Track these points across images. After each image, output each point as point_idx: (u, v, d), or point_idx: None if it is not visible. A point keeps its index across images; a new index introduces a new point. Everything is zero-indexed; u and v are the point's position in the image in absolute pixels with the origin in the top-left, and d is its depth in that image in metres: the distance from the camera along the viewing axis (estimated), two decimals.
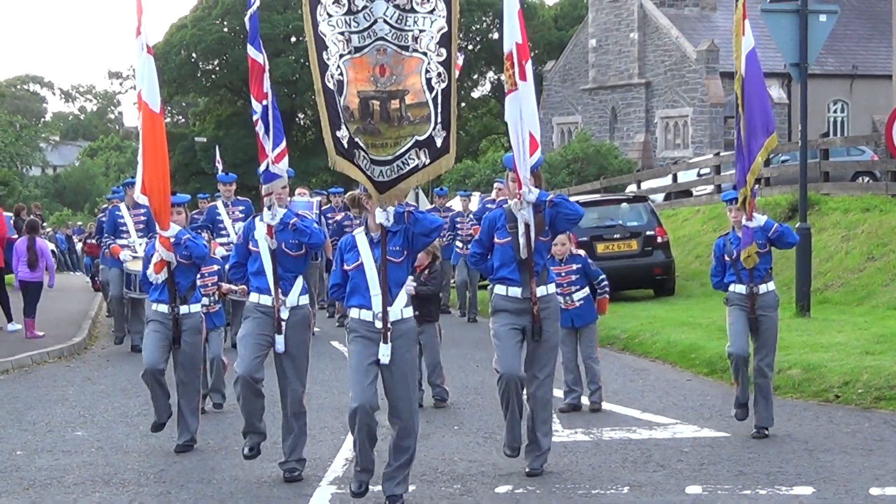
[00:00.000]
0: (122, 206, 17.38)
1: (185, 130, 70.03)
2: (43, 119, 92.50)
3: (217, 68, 66.71)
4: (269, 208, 9.32)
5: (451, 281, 22.23)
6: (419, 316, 12.36)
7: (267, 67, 9.29)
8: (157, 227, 10.48)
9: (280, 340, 9.30)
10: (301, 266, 9.60)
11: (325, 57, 7.93)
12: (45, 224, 36.71)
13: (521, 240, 9.03)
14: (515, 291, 9.14)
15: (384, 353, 8.12)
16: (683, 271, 23.05)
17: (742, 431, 10.37)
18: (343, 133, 8.02)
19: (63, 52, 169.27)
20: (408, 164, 8.09)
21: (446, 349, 13.63)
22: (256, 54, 9.19)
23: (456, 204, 25.12)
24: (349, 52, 7.93)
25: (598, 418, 11.79)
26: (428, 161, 8.11)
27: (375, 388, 8.21)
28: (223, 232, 17.15)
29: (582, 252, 12.63)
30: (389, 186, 8.10)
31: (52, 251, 21.57)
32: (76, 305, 23.25)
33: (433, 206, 22.93)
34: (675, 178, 34.72)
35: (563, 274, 12.19)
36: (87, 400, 12.18)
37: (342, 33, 7.90)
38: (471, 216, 20.58)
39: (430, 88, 8.03)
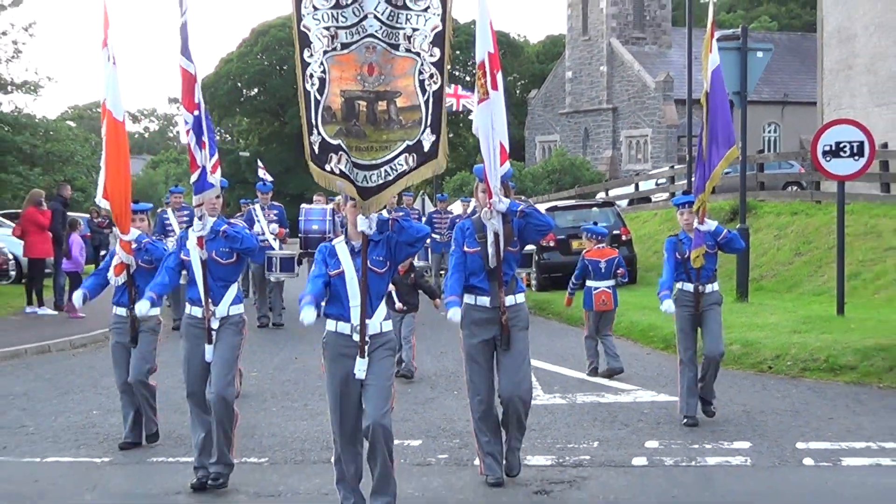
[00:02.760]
0: (169, 210, 17.33)
1: (231, 147, 69.99)
2: None
3: (258, 95, 66.68)
4: (200, 218, 8.03)
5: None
6: (406, 308, 12.45)
7: (198, 78, 8.00)
8: (117, 231, 9.33)
9: (209, 350, 7.95)
10: (233, 274, 8.22)
11: (306, 55, 6.60)
12: (111, 224, 36.46)
13: (490, 249, 7.76)
14: (484, 301, 7.84)
15: (360, 367, 6.69)
16: (644, 264, 23.07)
17: None
18: (315, 138, 6.70)
19: (130, 80, 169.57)
20: (396, 170, 6.73)
21: (447, 328, 13.62)
22: (188, 64, 7.87)
23: (457, 208, 25.15)
24: (334, 49, 6.55)
25: (572, 385, 11.85)
26: (414, 165, 6.74)
27: (359, 411, 6.85)
28: (259, 232, 17.00)
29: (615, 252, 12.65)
30: (375, 193, 6.73)
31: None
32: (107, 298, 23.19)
33: (436, 209, 22.88)
34: (636, 187, 34.96)
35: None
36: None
37: (328, 28, 6.54)
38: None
39: (423, 91, 6.71)
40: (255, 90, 66.73)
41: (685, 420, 9.67)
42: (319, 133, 6.67)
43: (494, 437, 7.94)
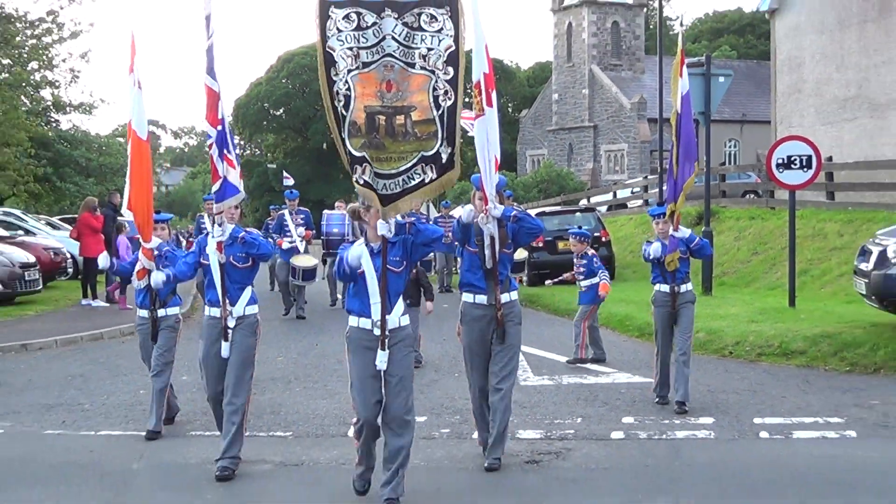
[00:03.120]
0: (206, 214, 17.28)
1: (260, 160, 69.94)
2: (158, 151, 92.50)
3: (283, 114, 66.63)
4: (220, 225, 7.67)
5: (456, 268, 22.16)
6: (410, 301, 11.79)
7: (221, 96, 7.59)
8: (141, 240, 8.89)
9: (225, 347, 7.63)
10: (248, 277, 7.89)
11: (332, 73, 6.31)
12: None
13: (487, 251, 7.54)
14: (482, 298, 7.63)
15: (381, 359, 6.49)
16: (621, 262, 23.04)
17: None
18: (348, 149, 6.46)
19: (172, 101, 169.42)
20: (413, 179, 6.47)
21: (449, 319, 13.59)
22: (213, 83, 7.48)
23: (457, 213, 25.03)
24: (357, 68, 6.29)
25: (558, 368, 11.82)
26: (435, 176, 6.51)
27: (379, 402, 6.63)
28: (288, 234, 16.97)
29: (591, 251, 12.30)
30: (393, 199, 6.48)
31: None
32: (182, 284, 23.17)
33: (440, 214, 22.84)
34: (614, 195, 34.97)
35: (577, 265, 12.12)
36: (192, 353, 12.14)
37: (351, 48, 6.28)
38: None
39: (437, 106, 6.46)
40: (281, 110, 66.64)
41: (657, 400, 9.65)
42: (347, 147, 6.46)
43: (486, 422, 7.78)
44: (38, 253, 21.23)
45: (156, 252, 8.90)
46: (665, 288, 9.57)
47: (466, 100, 7.99)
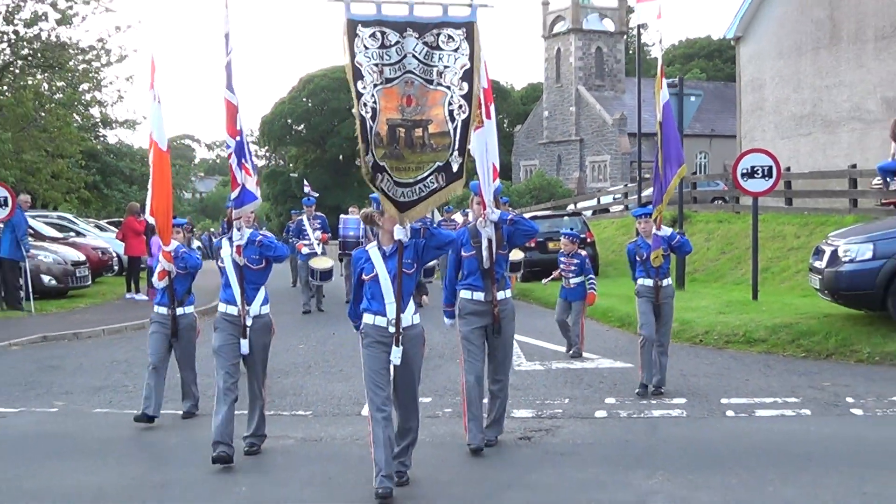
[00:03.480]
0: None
1: (283, 169, 69.90)
2: (193, 162, 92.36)
3: (304, 129, 66.62)
4: (239, 230, 7.35)
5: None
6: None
7: (240, 109, 7.28)
8: (161, 243, 8.52)
9: (245, 344, 7.32)
10: (262, 278, 7.53)
11: (360, 86, 6.06)
12: (193, 229, 36.63)
13: (485, 252, 7.31)
14: (479, 296, 7.38)
15: (396, 355, 6.24)
16: (604, 260, 22.95)
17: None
18: (368, 158, 6.18)
19: (205, 116, 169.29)
20: (428, 188, 6.26)
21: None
22: (231, 97, 7.20)
23: (457, 217, 24.93)
24: (381, 83, 6.07)
25: (548, 354, 11.79)
26: (444, 184, 6.29)
27: (391, 394, 6.37)
28: (306, 237, 17.00)
29: (584, 252, 12.01)
30: (409, 207, 6.25)
31: (199, 246, 21.32)
32: (213, 280, 23.15)
33: (442, 218, 22.73)
34: (598, 201, 34.97)
35: (567, 264, 11.72)
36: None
37: (376, 64, 6.06)
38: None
39: (452, 119, 6.24)
40: (302, 126, 66.63)
41: (638, 390, 9.32)
42: (372, 155, 6.17)
43: (479, 407, 7.43)
44: (88, 252, 21.23)
45: (173, 254, 8.57)
46: (649, 282, 9.41)
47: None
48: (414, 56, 6.14)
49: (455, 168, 6.33)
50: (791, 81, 24.60)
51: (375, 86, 6.08)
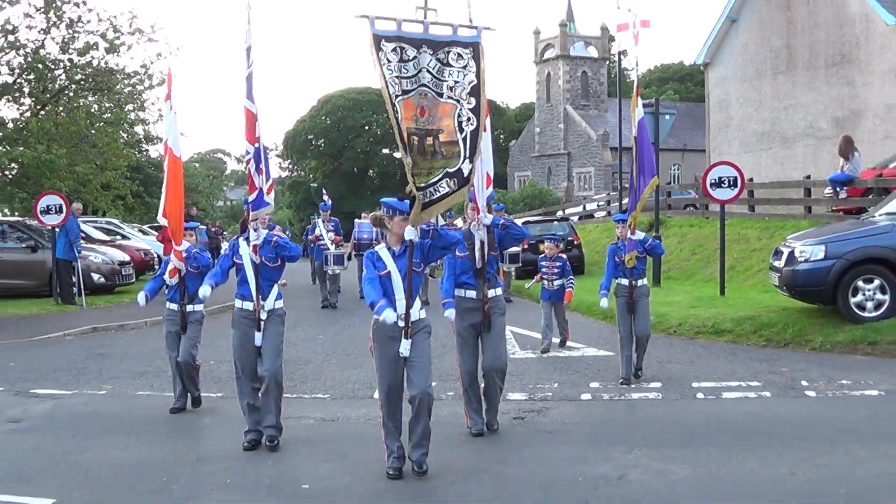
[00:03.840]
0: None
1: (304, 180, 69.89)
2: (224, 173, 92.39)
3: (322, 144, 66.61)
4: (255, 230, 7.06)
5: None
6: None
7: (258, 117, 6.96)
8: (173, 243, 8.21)
9: (258, 336, 6.96)
10: (277, 275, 7.22)
11: (391, 93, 5.88)
12: (224, 233, 36.65)
13: (477, 254, 7.12)
14: (471, 293, 7.17)
15: (405, 346, 6.01)
16: (589, 260, 22.91)
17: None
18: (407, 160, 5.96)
19: (236, 132, 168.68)
20: (438, 192, 6.01)
21: None
22: (251, 105, 6.91)
23: (459, 222, 24.79)
24: (400, 94, 5.94)
25: (539, 344, 11.78)
26: (456, 188, 6.08)
27: (400, 383, 6.19)
28: (321, 239, 17.00)
29: (564, 255, 11.74)
30: (423, 209, 6.04)
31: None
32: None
33: (445, 223, 22.58)
34: (584, 207, 34.78)
35: (549, 268, 11.39)
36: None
37: (396, 77, 5.93)
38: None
39: (461, 130, 6.11)
40: (321, 141, 66.51)
41: (622, 381, 9.10)
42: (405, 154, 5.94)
43: (477, 399, 7.29)
44: (132, 253, 21.28)
45: (185, 254, 8.23)
46: (625, 281, 9.22)
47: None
48: (428, 71, 6.04)
49: (466, 173, 6.15)
50: (753, 102, 24.64)
51: (396, 96, 5.95)
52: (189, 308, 8.29)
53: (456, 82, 6.12)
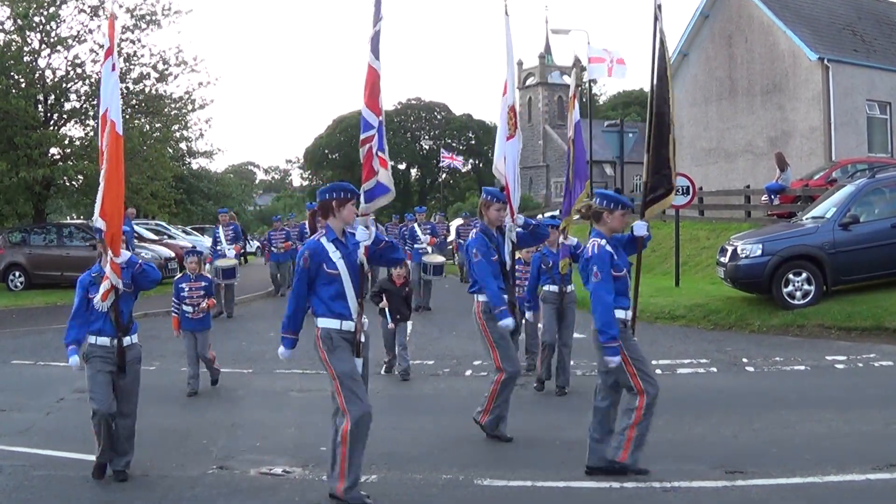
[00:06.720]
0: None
1: (322, 187, 69.81)
2: (254, 182, 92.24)
3: (337, 157, 66.57)
4: (367, 227, 4.76)
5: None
6: (399, 317, 8.36)
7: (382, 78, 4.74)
8: (110, 254, 5.03)
9: (359, 363, 4.72)
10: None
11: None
12: (248, 235, 36.68)
13: (507, 257, 5.96)
14: (504, 297, 5.85)
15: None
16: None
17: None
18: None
19: (263, 146, 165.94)
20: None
21: (453, 303, 13.50)
22: (376, 63, 4.73)
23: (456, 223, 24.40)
24: None
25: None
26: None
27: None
28: (418, 241, 14.54)
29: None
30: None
31: (258, 247, 21.14)
32: (259, 274, 23.20)
33: (463, 223, 19.66)
34: (560, 212, 34.66)
35: (523, 272, 8.43)
36: (278, 321, 12.21)
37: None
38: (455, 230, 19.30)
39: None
40: (336, 154, 66.62)
41: (535, 385, 7.79)
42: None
43: (506, 405, 6.10)
44: (177, 250, 21.18)
45: (124, 266, 5.16)
46: (554, 288, 7.67)
47: (460, 147, 7.16)
48: None
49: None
50: (701, 123, 24.78)
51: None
52: (127, 341, 5.24)
53: None
